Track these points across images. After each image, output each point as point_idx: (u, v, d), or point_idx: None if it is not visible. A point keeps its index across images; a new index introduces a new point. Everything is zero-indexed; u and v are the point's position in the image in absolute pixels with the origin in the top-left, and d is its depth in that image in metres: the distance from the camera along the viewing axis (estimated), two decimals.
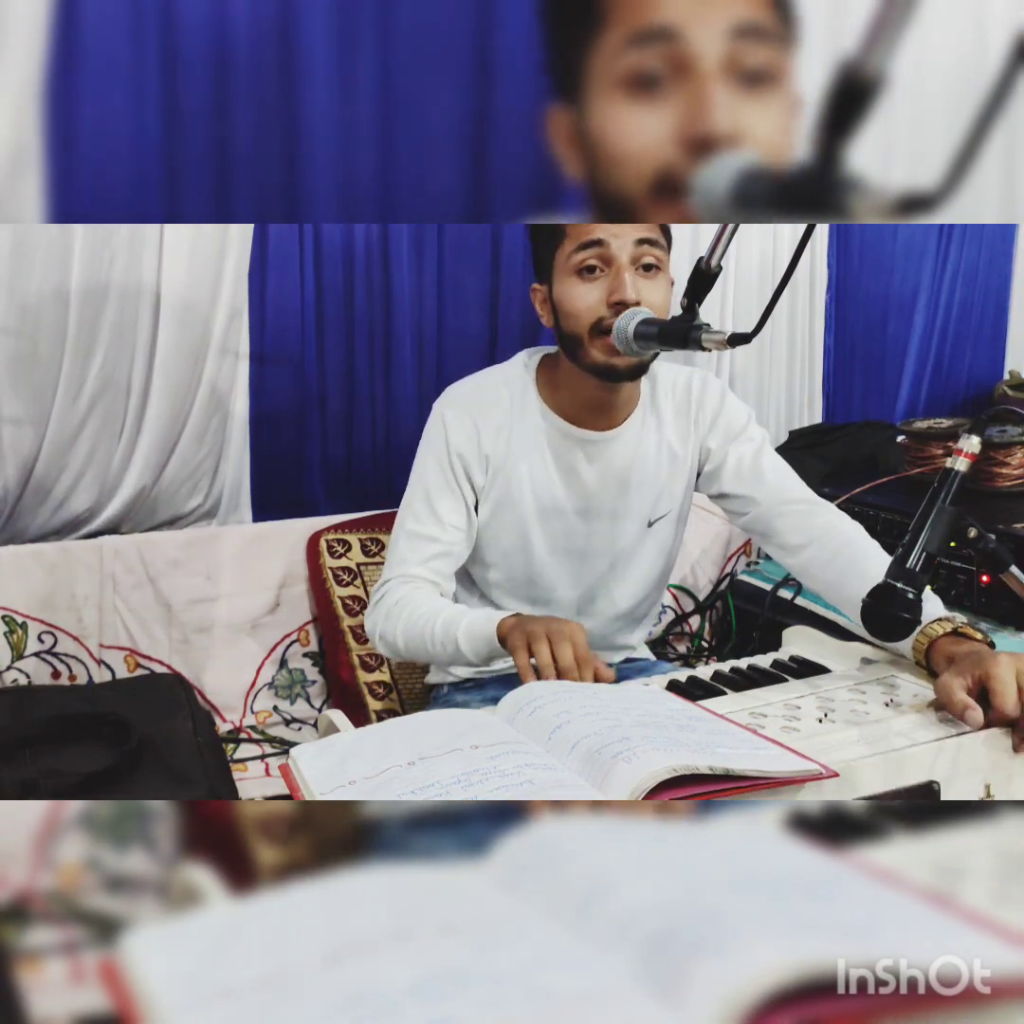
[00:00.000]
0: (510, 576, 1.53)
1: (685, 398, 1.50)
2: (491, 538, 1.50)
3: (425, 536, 1.44)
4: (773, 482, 1.47)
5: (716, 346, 1.17)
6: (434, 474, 1.45)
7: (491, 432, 1.45)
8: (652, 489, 1.50)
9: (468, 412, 1.45)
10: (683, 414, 1.50)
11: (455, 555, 1.46)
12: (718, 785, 0.87)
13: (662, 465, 1.50)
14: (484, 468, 1.46)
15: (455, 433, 1.45)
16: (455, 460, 1.45)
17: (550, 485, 1.47)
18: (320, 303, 2.05)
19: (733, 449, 1.49)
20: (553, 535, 1.49)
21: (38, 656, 1.87)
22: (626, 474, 1.48)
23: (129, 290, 1.84)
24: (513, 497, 1.47)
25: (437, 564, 1.44)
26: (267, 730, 2.01)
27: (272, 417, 2.07)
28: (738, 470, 1.48)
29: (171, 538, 1.97)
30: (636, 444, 1.48)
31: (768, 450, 1.50)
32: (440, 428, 1.46)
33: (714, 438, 1.50)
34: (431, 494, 1.45)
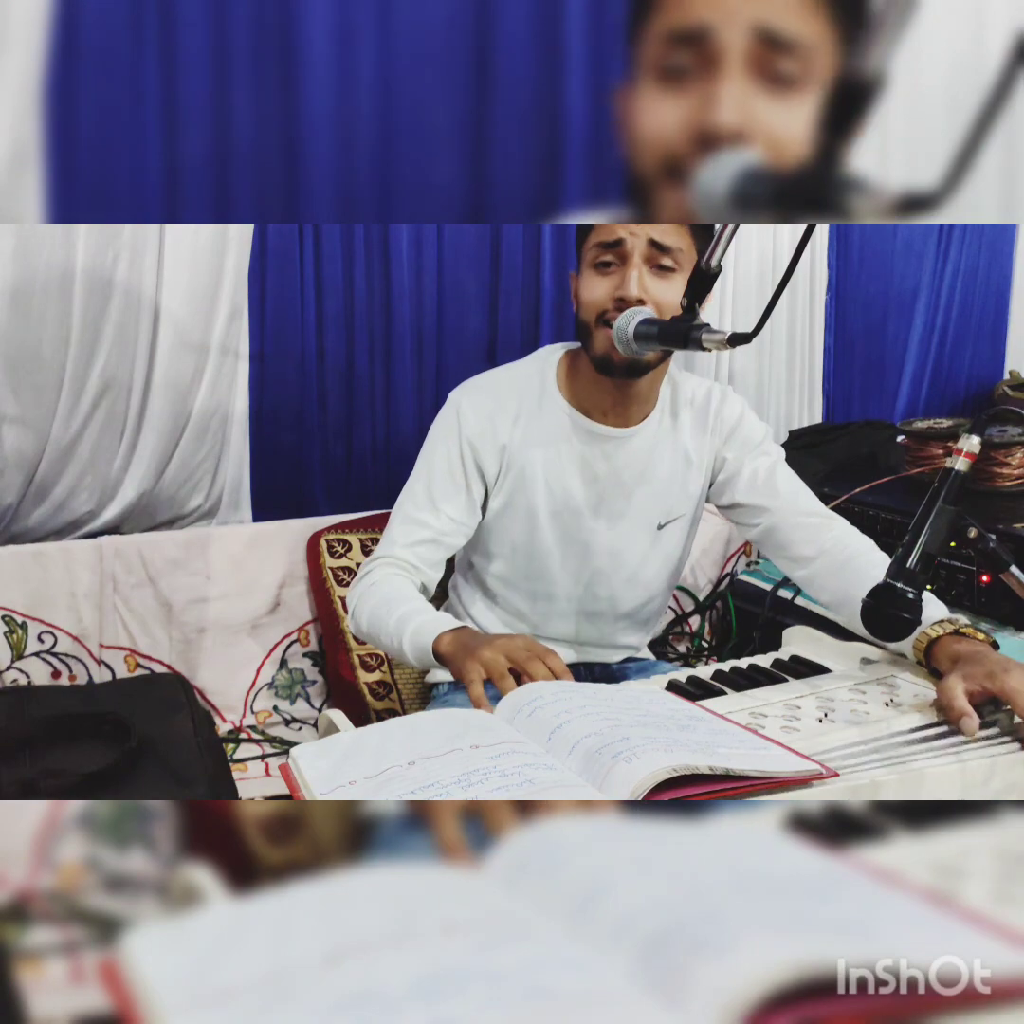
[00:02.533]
0: (514, 568, 1.53)
1: (704, 408, 1.51)
2: (501, 528, 1.50)
3: (418, 520, 1.44)
4: (786, 495, 1.47)
5: (716, 346, 1.17)
6: (441, 461, 1.45)
7: (508, 422, 1.45)
8: (664, 492, 1.50)
9: (485, 401, 1.46)
10: (701, 423, 1.51)
11: (445, 545, 1.46)
12: (718, 785, 0.87)
13: (676, 469, 1.50)
14: (499, 457, 1.46)
15: (469, 421, 1.45)
16: (465, 448, 1.45)
17: (564, 478, 1.47)
18: (320, 303, 2.05)
19: (749, 461, 1.50)
20: (562, 530, 1.49)
21: (38, 656, 1.87)
22: (640, 474, 1.49)
23: (131, 290, 1.84)
24: (526, 487, 1.47)
25: (423, 550, 1.44)
26: (267, 730, 2.01)
27: (272, 417, 2.07)
28: (752, 482, 1.49)
29: (171, 538, 1.97)
30: (652, 445, 1.49)
31: (783, 465, 1.51)
32: (454, 416, 1.46)
33: (730, 449, 1.51)
34: (433, 480, 1.45)
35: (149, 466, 1.95)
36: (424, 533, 1.44)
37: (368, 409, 2.14)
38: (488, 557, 1.53)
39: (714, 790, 0.87)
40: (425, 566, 1.44)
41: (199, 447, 2.00)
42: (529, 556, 1.51)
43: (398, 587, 1.39)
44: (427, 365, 2.16)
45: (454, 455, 1.45)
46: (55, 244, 1.75)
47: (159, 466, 1.96)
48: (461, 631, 1.27)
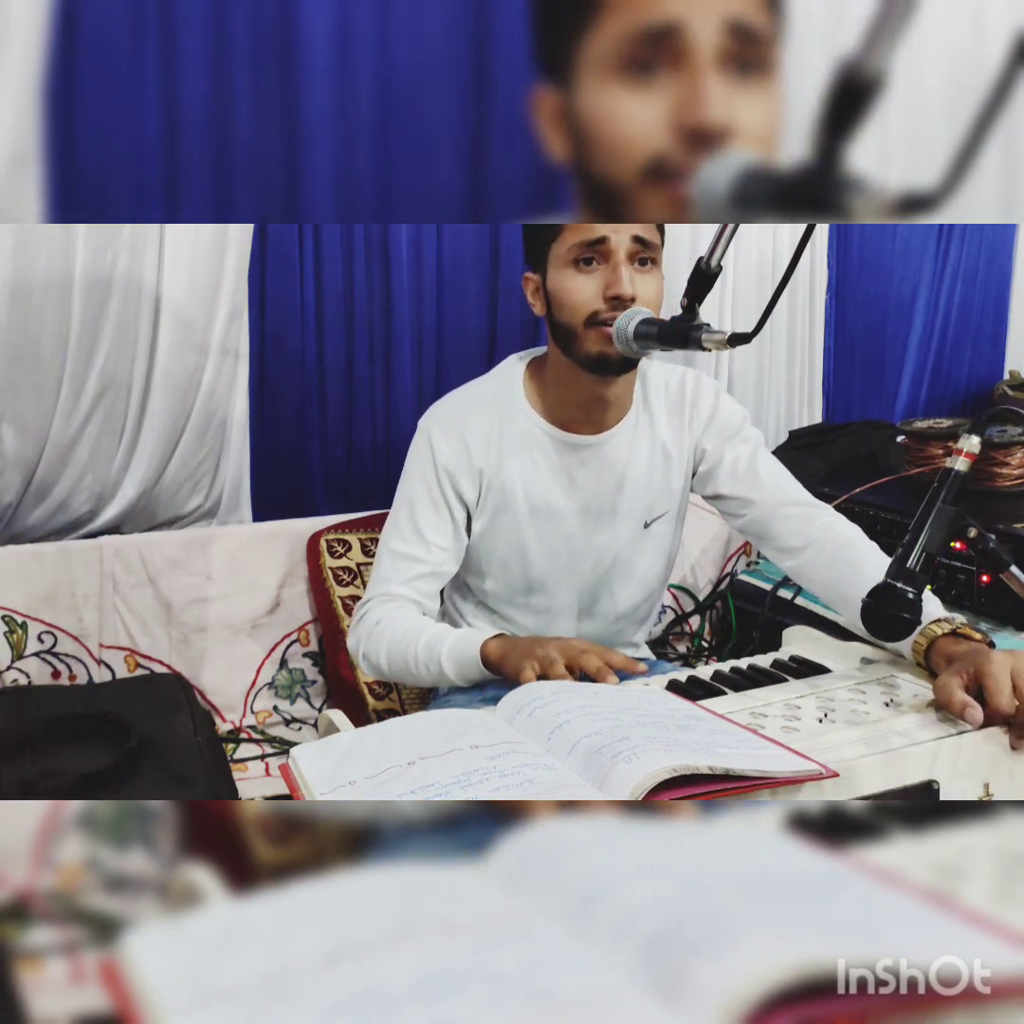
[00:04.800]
0: (507, 584, 1.52)
1: (679, 398, 1.49)
2: (487, 548, 1.49)
3: (409, 556, 1.43)
4: (770, 484, 1.46)
5: (716, 346, 1.17)
6: (420, 492, 1.44)
7: (481, 444, 1.44)
8: (647, 490, 1.49)
9: (455, 426, 1.44)
10: (676, 414, 1.49)
11: (440, 575, 1.45)
12: (718, 785, 0.87)
13: (656, 466, 1.49)
14: (477, 482, 1.45)
15: (442, 449, 1.43)
16: (443, 477, 1.43)
17: (544, 490, 1.46)
18: (320, 303, 2.05)
19: (729, 450, 1.48)
20: (550, 540, 1.48)
21: (38, 656, 1.87)
22: (620, 476, 1.47)
23: (131, 290, 1.84)
24: (508, 505, 1.46)
25: (420, 584, 1.43)
26: (267, 730, 2.01)
27: (272, 417, 2.07)
28: (734, 471, 1.47)
29: (171, 538, 1.97)
30: (630, 446, 1.47)
31: (764, 451, 1.50)
32: (426, 445, 1.45)
33: (709, 439, 1.49)
34: (416, 513, 1.43)
35: (149, 466, 1.95)
36: (419, 568, 1.43)
37: (368, 409, 2.14)
38: (480, 576, 1.53)
39: (714, 790, 0.87)
40: (424, 598, 1.43)
41: (199, 447, 2.00)
42: (520, 570, 1.50)
43: (408, 618, 1.39)
44: (427, 365, 2.16)
45: (432, 484, 1.43)
46: (55, 244, 1.75)
47: (159, 466, 1.96)
48: (505, 636, 1.29)
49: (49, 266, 1.76)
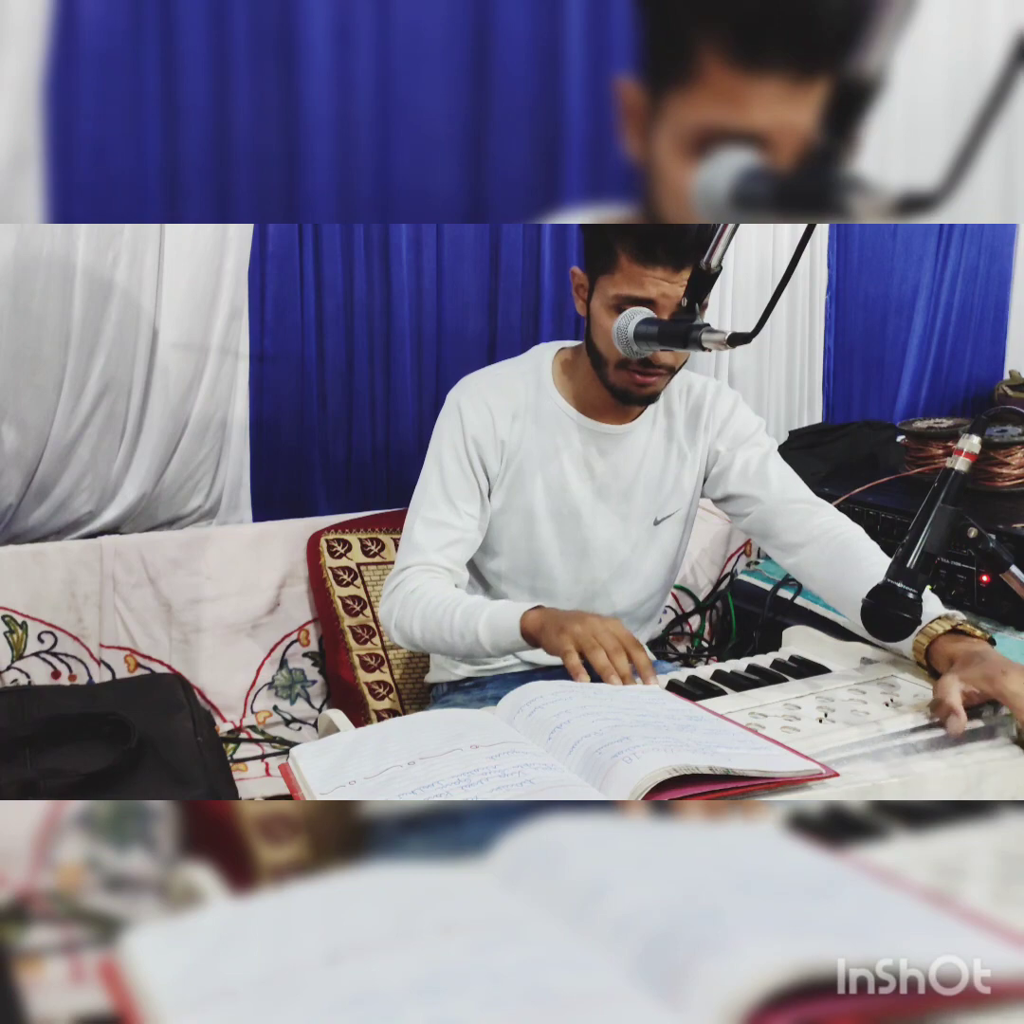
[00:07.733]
0: (514, 566, 1.53)
1: (698, 402, 1.52)
2: (500, 525, 1.51)
3: (442, 523, 1.44)
4: (777, 484, 1.48)
5: (716, 346, 1.17)
6: (450, 460, 1.46)
7: (506, 419, 1.46)
8: (660, 487, 1.52)
9: (484, 399, 1.46)
10: (694, 417, 1.52)
11: (469, 542, 1.47)
12: (718, 785, 0.87)
13: (671, 464, 1.51)
14: (499, 455, 1.47)
15: (471, 419, 1.45)
16: (471, 446, 1.45)
17: (562, 475, 1.48)
18: (320, 303, 2.05)
19: (741, 453, 1.50)
20: (560, 526, 1.50)
21: (38, 656, 1.87)
22: (636, 470, 1.50)
23: (131, 290, 1.84)
24: (525, 485, 1.48)
25: (453, 551, 1.44)
26: (267, 730, 2.01)
27: (272, 417, 2.07)
28: (744, 472, 1.49)
29: (171, 538, 1.97)
30: (647, 441, 1.50)
31: (775, 456, 1.52)
32: (456, 415, 1.46)
33: (723, 442, 1.51)
34: (446, 481, 1.45)
35: (149, 466, 1.95)
36: (451, 534, 1.44)
37: (368, 409, 2.14)
38: (490, 555, 1.54)
39: (714, 790, 0.87)
40: (456, 567, 1.44)
41: (199, 447, 2.00)
42: (528, 552, 1.51)
43: (445, 588, 1.39)
44: (427, 365, 2.16)
45: (461, 453, 1.45)
46: (55, 244, 1.75)
47: (159, 466, 1.96)
48: (544, 608, 1.28)
49: (49, 266, 1.76)
